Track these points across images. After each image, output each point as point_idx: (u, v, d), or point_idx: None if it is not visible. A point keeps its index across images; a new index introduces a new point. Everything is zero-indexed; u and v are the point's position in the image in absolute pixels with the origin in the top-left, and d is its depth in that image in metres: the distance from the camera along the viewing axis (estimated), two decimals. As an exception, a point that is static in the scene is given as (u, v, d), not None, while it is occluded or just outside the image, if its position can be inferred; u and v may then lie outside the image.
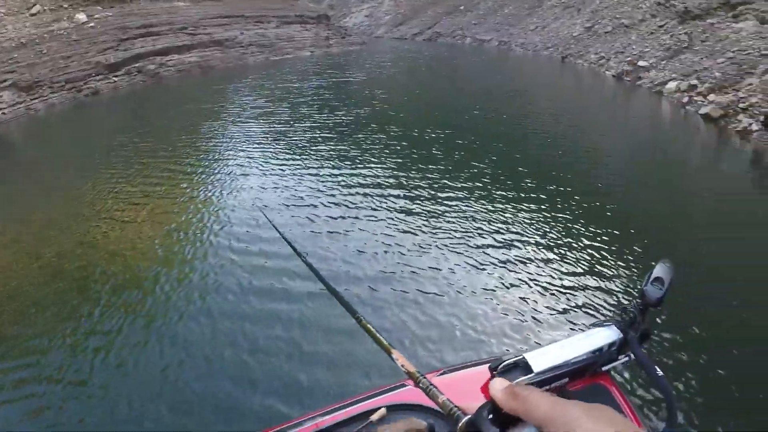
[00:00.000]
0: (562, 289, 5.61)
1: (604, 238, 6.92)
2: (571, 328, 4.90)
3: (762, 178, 10.93)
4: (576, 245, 6.78)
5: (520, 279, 5.92)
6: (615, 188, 9.48)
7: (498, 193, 8.90)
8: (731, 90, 17.25)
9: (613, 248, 6.59)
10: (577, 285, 5.72)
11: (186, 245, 7.12)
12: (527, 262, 6.33)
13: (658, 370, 1.14)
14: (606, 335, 1.12)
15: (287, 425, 1.29)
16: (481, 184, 9.35)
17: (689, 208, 8.62)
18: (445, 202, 8.49)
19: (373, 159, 10.92)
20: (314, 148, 11.80)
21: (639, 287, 1.13)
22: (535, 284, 5.76)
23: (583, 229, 7.23)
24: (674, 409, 1.43)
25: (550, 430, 0.58)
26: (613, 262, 6.25)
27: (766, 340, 4.69)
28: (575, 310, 5.21)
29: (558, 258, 6.42)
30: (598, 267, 6.15)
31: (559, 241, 6.92)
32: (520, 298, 5.51)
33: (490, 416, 0.71)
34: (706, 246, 6.79)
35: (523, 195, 8.68)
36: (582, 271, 6.07)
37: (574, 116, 17.71)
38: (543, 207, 8.07)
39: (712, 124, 15.55)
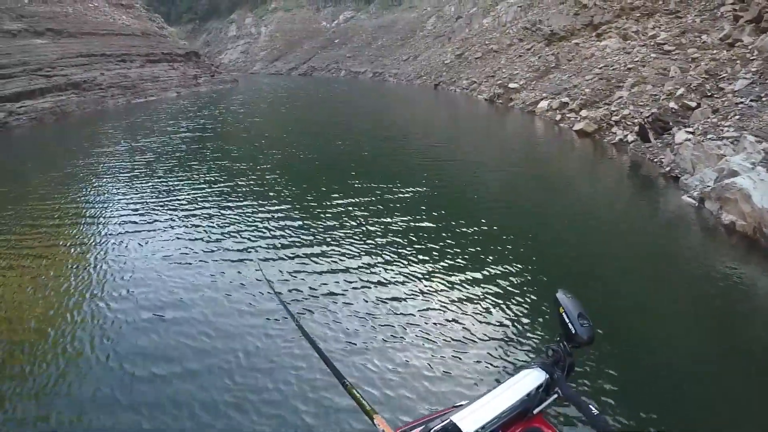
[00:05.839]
0: (475, 337, 4.64)
1: (503, 271, 5.93)
2: (496, 379, 3.93)
3: (644, 188, 9.78)
4: (473, 285, 5.66)
5: (424, 331, 4.75)
6: (501, 215, 8.18)
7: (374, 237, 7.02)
8: (602, 104, 16.05)
9: (517, 281, 5.69)
10: (488, 329, 4.78)
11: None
12: (428, 310, 5.15)
13: (592, 407, 1.15)
14: (533, 378, 1.18)
15: None
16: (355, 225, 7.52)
17: (578, 228, 7.70)
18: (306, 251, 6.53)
19: (232, 218, 8.05)
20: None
21: (561, 328, 1.21)
22: (442, 337, 4.66)
23: (480, 266, 6.08)
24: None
25: None
26: (521, 297, 5.35)
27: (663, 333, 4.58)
28: (494, 359, 4.30)
29: (460, 301, 5.29)
30: (507, 306, 5.20)
31: (456, 284, 5.71)
32: (428, 352, 4.43)
33: None
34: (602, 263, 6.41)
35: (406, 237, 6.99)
36: (489, 314, 5.06)
37: (452, 143, 15.67)
38: (432, 250, 6.57)
39: (588, 139, 13.86)
